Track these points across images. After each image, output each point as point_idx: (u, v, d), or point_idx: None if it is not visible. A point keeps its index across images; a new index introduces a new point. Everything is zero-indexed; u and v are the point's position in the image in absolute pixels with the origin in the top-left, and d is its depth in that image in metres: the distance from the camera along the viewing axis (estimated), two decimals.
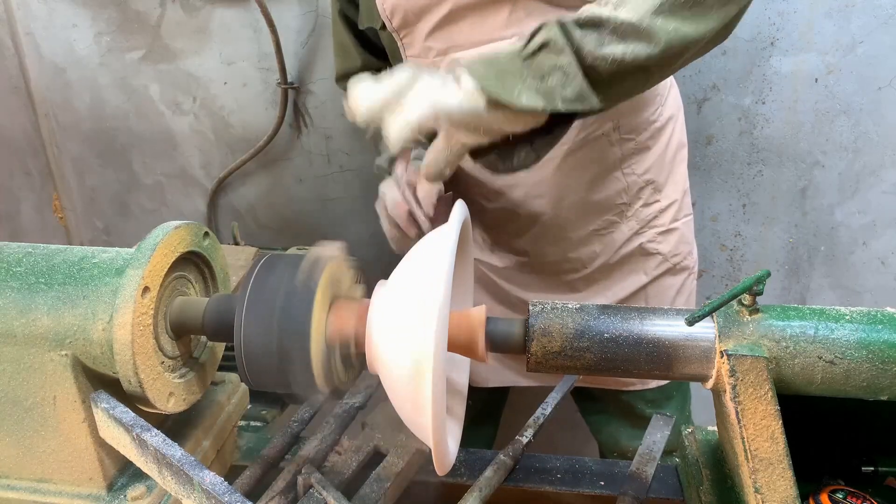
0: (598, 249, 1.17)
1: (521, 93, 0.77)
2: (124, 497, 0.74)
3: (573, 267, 1.19)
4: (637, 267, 1.20)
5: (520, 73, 0.78)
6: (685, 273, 1.25)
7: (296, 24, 1.60)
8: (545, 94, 0.78)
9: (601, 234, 1.17)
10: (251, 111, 1.73)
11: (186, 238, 0.76)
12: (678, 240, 1.21)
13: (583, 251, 1.17)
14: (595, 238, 1.17)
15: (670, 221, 1.20)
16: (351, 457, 0.87)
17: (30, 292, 0.71)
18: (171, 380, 0.75)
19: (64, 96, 1.82)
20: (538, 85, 0.78)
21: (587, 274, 1.19)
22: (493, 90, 0.76)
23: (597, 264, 1.18)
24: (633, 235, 1.17)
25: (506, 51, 0.80)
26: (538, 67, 0.78)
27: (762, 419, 0.65)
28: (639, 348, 0.68)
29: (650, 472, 0.86)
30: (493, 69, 0.78)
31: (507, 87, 0.76)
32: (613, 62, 0.79)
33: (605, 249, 1.17)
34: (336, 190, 1.78)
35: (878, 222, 1.59)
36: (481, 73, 0.77)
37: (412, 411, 0.66)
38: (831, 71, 1.47)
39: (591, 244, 1.17)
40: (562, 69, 0.78)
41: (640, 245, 1.18)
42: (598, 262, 1.18)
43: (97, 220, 1.99)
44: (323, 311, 0.69)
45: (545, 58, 0.79)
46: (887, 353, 0.66)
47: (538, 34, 0.80)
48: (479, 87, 0.76)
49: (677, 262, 1.22)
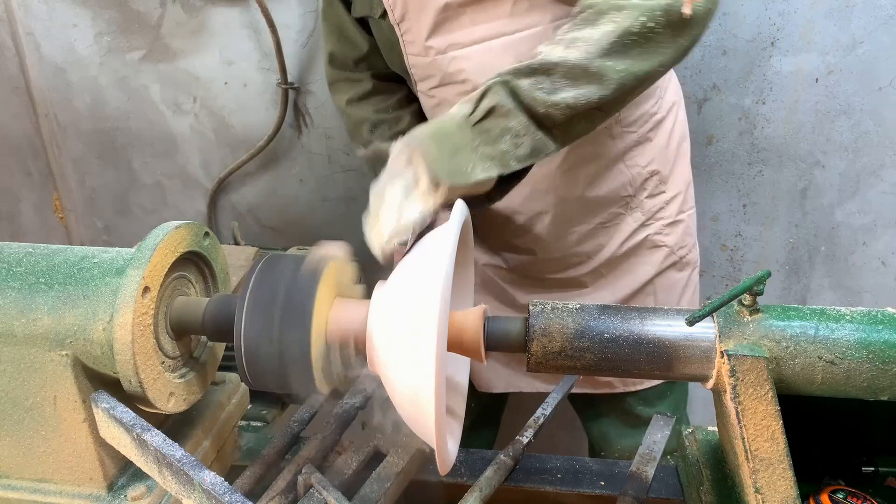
0: (603, 242, 1.17)
1: (475, 166, 0.79)
2: (124, 497, 0.74)
3: (580, 261, 1.19)
4: (644, 259, 1.19)
5: (470, 142, 0.80)
6: (689, 268, 1.25)
7: (296, 24, 1.60)
8: (499, 158, 0.80)
9: (607, 226, 1.16)
10: (251, 111, 1.73)
11: (187, 238, 0.76)
12: (683, 231, 1.21)
13: (589, 244, 1.17)
14: (601, 231, 1.17)
15: (676, 213, 1.20)
16: (351, 457, 0.87)
17: (30, 292, 0.71)
18: (172, 380, 0.75)
19: (64, 96, 1.82)
20: (490, 150, 0.80)
21: (594, 268, 1.19)
22: (447, 177, 0.77)
23: (603, 257, 1.18)
24: (639, 227, 1.17)
25: (456, 119, 0.82)
26: (488, 133, 0.81)
27: (762, 419, 0.65)
28: (639, 348, 0.68)
29: (650, 472, 0.86)
30: (446, 147, 0.79)
31: (460, 166, 0.79)
32: (567, 107, 0.82)
33: (612, 242, 1.17)
34: (336, 190, 1.78)
35: (879, 222, 1.59)
36: (434, 157, 0.78)
37: (413, 411, 0.66)
38: (831, 71, 1.47)
39: (597, 237, 1.17)
40: (511, 131, 0.81)
41: (646, 237, 1.18)
42: (605, 254, 1.18)
43: (97, 220, 1.99)
44: (323, 311, 0.69)
45: (494, 123, 0.81)
46: (887, 353, 0.66)
47: (484, 98, 0.82)
48: (433, 181, 0.77)
49: (683, 256, 1.22)
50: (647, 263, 1.20)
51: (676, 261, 1.22)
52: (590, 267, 1.19)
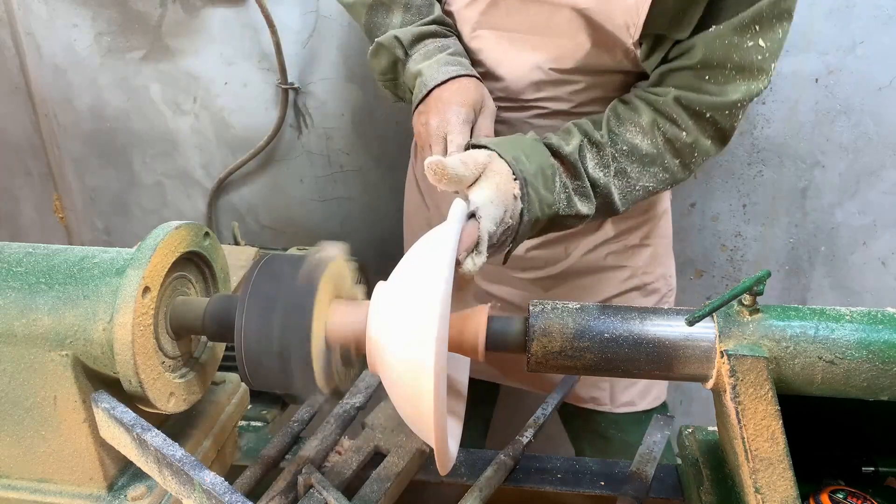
0: (568, 250, 1.18)
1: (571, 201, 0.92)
2: (125, 497, 0.74)
3: (542, 264, 1.19)
4: (605, 276, 1.20)
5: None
6: (657, 296, 1.24)
7: (296, 24, 1.60)
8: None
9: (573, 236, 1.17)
10: (251, 111, 1.73)
11: (187, 238, 0.76)
12: (651, 258, 1.21)
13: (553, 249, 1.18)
14: (566, 239, 1.17)
15: (640, 239, 1.20)
16: (351, 457, 0.87)
17: (30, 292, 0.71)
18: (172, 380, 0.75)
19: (64, 96, 1.81)
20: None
21: (554, 274, 1.19)
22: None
23: (565, 265, 1.19)
24: (601, 244, 1.18)
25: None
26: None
27: (762, 419, 0.65)
28: (639, 348, 0.69)
29: (650, 472, 0.86)
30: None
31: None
32: (579, 216, 0.93)
33: (574, 252, 1.18)
34: (336, 190, 1.78)
35: (879, 222, 1.59)
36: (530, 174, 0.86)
37: (413, 412, 0.66)
38: (831, 71, 1.47)
39: (562, 243, 1.18)
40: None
41: (607, 254, 1.18)
42: (566, 263, 1.18)
43: (97, 221, 1.99)
44: (323, 311, 0.69)
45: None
46: (887, 353, 0.66)
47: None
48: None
49: (648, 283, 1.22)
50: (607, 280, 1.20)
51: (640, 285, 1.21)
52: (548, 272, 1.19)
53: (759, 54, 0.90)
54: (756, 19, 0.88)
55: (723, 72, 0.91)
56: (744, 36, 0.89)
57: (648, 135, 0.95)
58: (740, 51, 0.89)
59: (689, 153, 0.96)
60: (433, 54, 0.98)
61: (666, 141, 0.95)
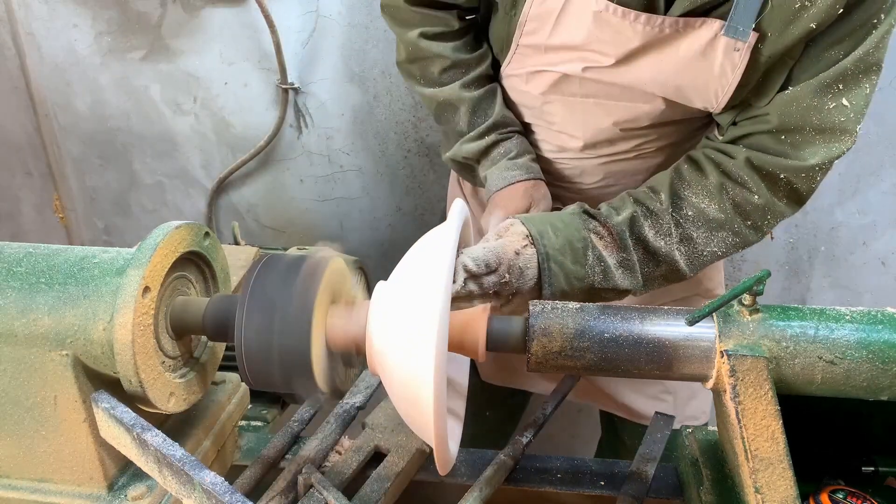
0: None
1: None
2: (125, 497, 0.74)
3: None
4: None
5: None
6: None
7: (296, 24, 1.60)
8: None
9: None
10: (252, 111, 1.73)
11: (187, 238, 0.76)
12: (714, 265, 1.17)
13: None
14: None
15: None
16: (351, 457, 0.87)
17: (30, 292, 0.71)
18: (172, 380, 0.75)
19: (65, 96, 1.82)
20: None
21: None
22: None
23: None
24: None
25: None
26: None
27: (762, 419, 0.65)
28: (639, 348, 0.69)
29: (650, 472, 0.86)
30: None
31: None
32: (617, 291, 0.92)
33: None
34: (336, 190, 1.78)
35: (878, 222, 1.59)
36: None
37: (414, 412, 0.66)
38: None
39: None
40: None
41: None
42: None
43: (97, 220, 1.99)
44: (323, 311, 0.69)
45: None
46: (887, 353, 0.66)
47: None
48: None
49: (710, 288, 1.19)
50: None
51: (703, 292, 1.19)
52: None
53: (842, 115, 0.85)
54: (839, 78, 0.83)
55: (802, 133, 0.86)
56: (824, 97, 0.84)
57: (716, 199, 0.91)
58: (821, 113, 0.84)
59: (761, 216, 0.92)
60: (497, 160, 1.08)
61: (734, 205, 0.91)
